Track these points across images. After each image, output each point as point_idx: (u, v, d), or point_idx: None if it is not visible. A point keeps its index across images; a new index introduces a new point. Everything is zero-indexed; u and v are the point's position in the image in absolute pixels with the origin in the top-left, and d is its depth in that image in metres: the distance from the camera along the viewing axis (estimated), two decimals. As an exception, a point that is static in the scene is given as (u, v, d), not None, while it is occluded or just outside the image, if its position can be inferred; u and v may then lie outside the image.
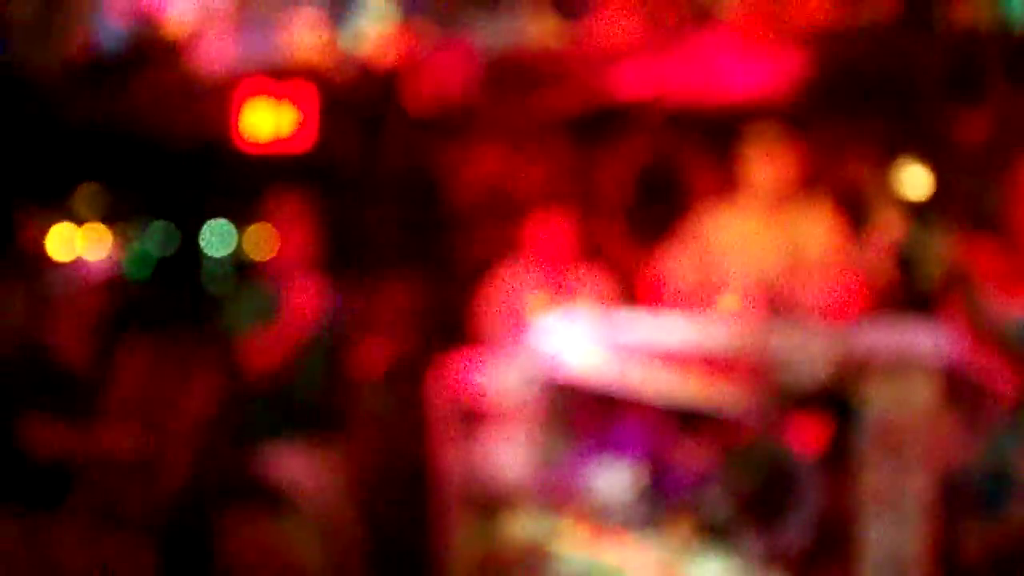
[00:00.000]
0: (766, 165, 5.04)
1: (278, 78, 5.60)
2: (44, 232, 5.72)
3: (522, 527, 4.09)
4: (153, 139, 6.48)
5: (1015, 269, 4.94)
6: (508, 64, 5.07)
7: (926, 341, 3.57)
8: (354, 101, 5.70)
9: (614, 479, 4.01)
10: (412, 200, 6.83)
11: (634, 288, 7.00)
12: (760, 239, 5.15)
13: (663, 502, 4.02)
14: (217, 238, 8.95)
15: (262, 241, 6.49)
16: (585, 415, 4.31)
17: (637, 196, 7.27)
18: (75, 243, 6.47)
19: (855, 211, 6.28)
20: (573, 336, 4.09)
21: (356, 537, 4.95)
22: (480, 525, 4.44)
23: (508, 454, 4.32)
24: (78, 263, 4.75)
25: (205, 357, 6.75)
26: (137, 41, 5.24)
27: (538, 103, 6.07)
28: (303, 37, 5.10)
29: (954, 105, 5.85)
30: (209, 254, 9.10)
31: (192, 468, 4.94)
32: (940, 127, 5.96)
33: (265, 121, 5.98)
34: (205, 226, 8.92)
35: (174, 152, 6.80)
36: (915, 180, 6.60)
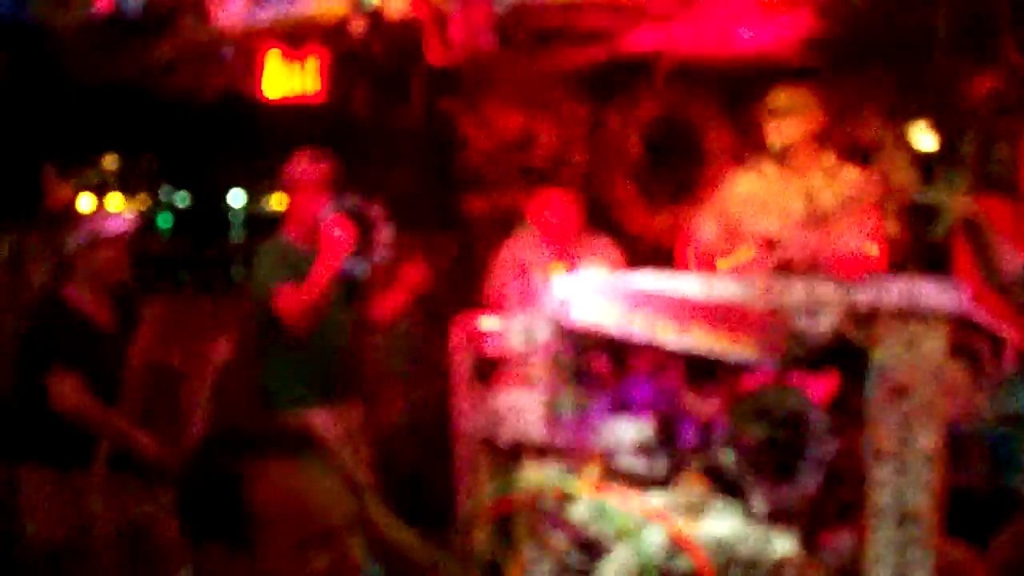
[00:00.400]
0: (783, 124, 5.06)
1: (298, 34, 5.61)
2: (69, 192, 5.77)
3: (538, 477, 4.14)
4: (174, 99, 6.50)
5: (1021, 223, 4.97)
6: (520, 18, 5.08)
7: (935, 292, 3.61)
8: (373, 57, 5.71)
9: (626, 433, 4.06)
10: (430, 158, 6.87)
11: (644, 247, 7.05)
12: (779, 196, 5.18)
13: (675, 456, 4.07)
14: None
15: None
16: (598, 370, 4.35)
17: (649, 154, 7.28)
18: (99, 204, 6.53)
19: (867, 167, 6.30)
20: (586, 293, 4.13)
21: (377, 484, 5.06)
22: (498, 473, 4.51)
23: (523, 406, 4.37)
24: (99, 220, 4.78)
25: (229, 310, 6.83)
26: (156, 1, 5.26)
27: (550, 58, 6.07)
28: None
29: (964, 60, 5.84)
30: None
31: (215, 418, 5.03)
32: (950, 82, 5.94)
33: (285, 79, 5.99)
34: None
35: (195, 112, 6.83)
36: (926, 135, 6.59)
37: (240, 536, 1.75)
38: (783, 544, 3.83)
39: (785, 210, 5.14)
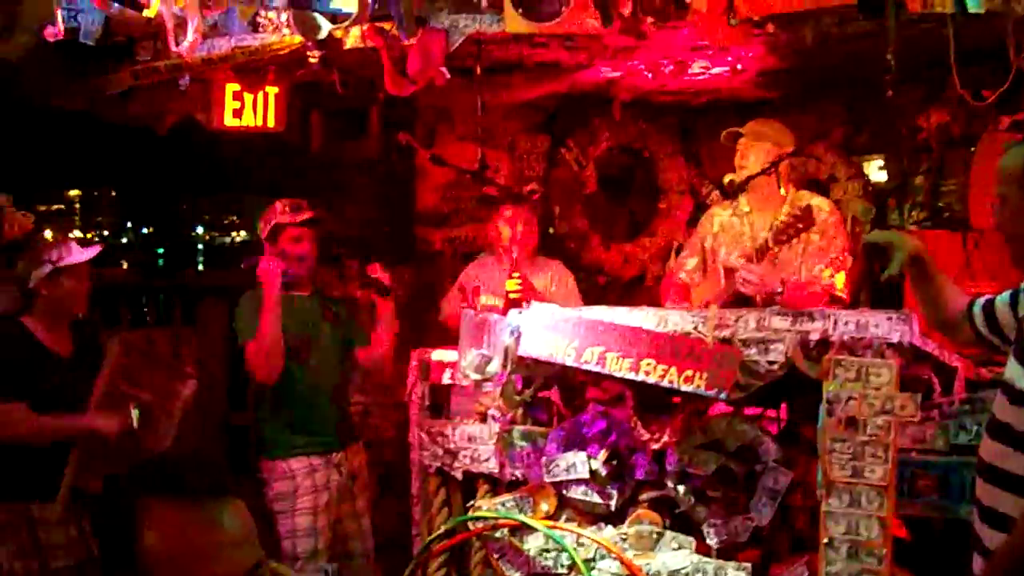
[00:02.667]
0: (751, 152, 5.10)
1: (255, 65, 5.59)
2: (28, 223, 5.70)
3: (491, 509, 4.14)
4: (133, 129, 6.46)
5: (970, 256, 5.02)
6: (476, 50, 5.09)
7: (885, 325, 3.65)
8: (330, 88, 5.71)
9: (579, 465, 4.06)
10: (387, 190, 6.86)
11: (599, 277, 7.07)
12: (749, 228, 5.22)
13: (628, 488, 4.07)
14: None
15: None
16: (551, 403, 4.36)
17: (604, 186, 7.32)
18: (61, 234, 6.47)
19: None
20: (539, 326, 4.13)
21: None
22: (452, 504, 4.51)
23: (477, 438, 4.38)
24: (60, 251, 4.74)
25: (195, 343, 6.78)
26: (115, 26, 5.22)
27: (506, 90, 6.10)
28: (280, 24, 5.10)
29: (914, 95, 5.92)
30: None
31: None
32: (901, 117, 6.01)
33: (243, 109, 5.97)
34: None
35: (156, 143, 6.78)
36: (879, 168, 6.66)
37: (136, 571, 1.76)
38: (736, 576, 3.84)
39: (755, 242, 5.17)
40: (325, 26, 4.79)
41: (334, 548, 4.96)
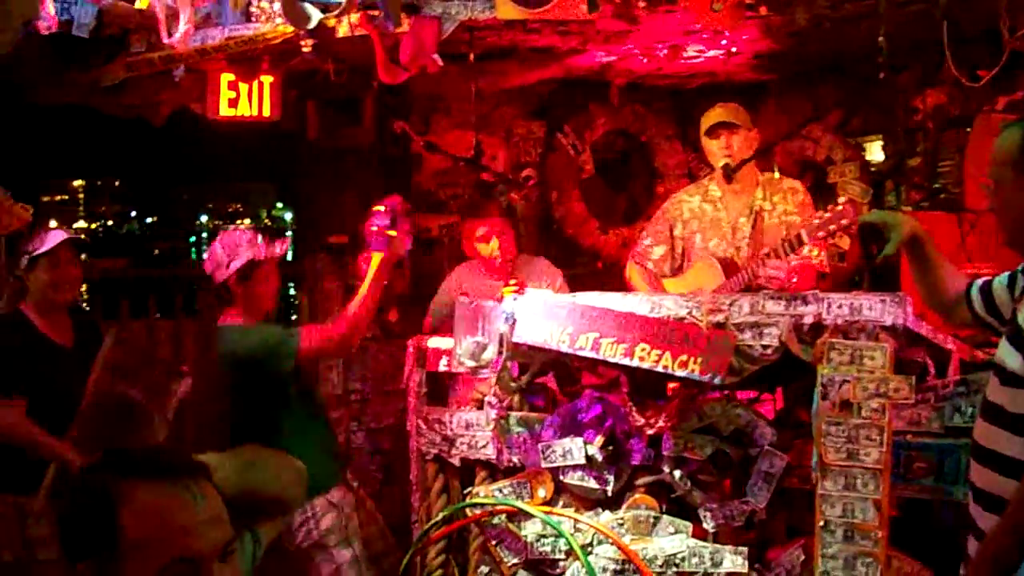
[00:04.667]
0: (732, 139, 5.10)
1: (249, 55, 5.59)
2: (25, 215, 5.70)
3: (488, 492, 4.14)
4: (129, 120, 6.46)
5: (966, 237, 5.02)
6: (469, 37, 5.09)
7: (879, 307, 3.64)
8: (325, 77, 5.72)
9: (575, 451, 4.05)
10: (382, 178, 6.86)
11: (597, 261, 7.08)
12: (726, 214, 5.22)
13: (624, 474, 4.07)
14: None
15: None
16: (548, 389, 4.36)
17: (600, 170, 7.32)
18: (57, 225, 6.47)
19: (818, 181, 6.35)
20: (533, 312, 4.12)
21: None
22: (450, 485, 4.51)
23: (474, 425, 4.38)
24: (36, 239, 4.75)
25: (192, 335, 6.78)
26: (108, 18, 5.21)
27: (500, 76, 6.10)
28: (273, 13, 5.10)
29: (909, 77, 5.91)
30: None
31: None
32: (896, 98, 6.00)
33: (238, 99, 5.98)
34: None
35: (154, 134, 6.78)
36: (876, 150, 6.66)
37: (109, 557, 1.78)
38: (732, 560, 3.84)
39: (733, 228, 5.18)
40: (315, 15, 4.78)
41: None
